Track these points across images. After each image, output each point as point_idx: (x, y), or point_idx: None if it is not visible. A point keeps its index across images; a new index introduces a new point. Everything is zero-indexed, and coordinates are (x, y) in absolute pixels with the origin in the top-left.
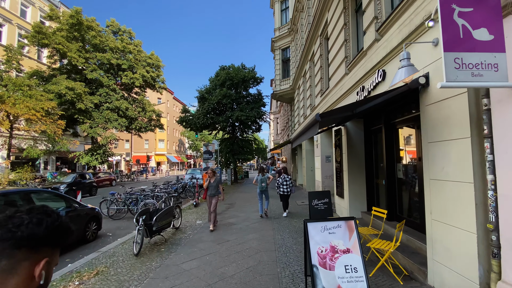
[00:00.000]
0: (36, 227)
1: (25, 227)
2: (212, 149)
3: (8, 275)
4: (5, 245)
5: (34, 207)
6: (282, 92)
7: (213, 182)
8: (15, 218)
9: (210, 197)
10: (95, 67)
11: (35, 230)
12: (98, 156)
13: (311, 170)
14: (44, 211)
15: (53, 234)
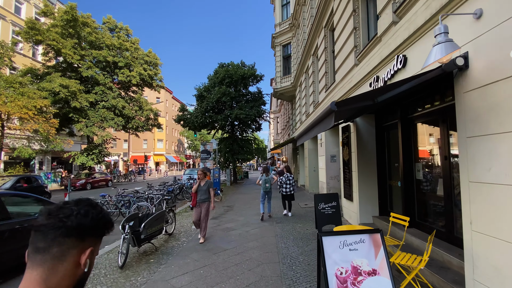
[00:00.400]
0: (83, 218)
1: (74, 217)
2: (210, 148)
3: (58, 262)
4: (57, 233)
5: (81, 199)
6: (283, 90)
7: (203, 186)
8: (65, 209)
9: (200, 203)
10: (91, 64)
11: (83, 221)
12: (94, 156)
13: (314, 170)
14: (90, 203)
15: (97, 224)
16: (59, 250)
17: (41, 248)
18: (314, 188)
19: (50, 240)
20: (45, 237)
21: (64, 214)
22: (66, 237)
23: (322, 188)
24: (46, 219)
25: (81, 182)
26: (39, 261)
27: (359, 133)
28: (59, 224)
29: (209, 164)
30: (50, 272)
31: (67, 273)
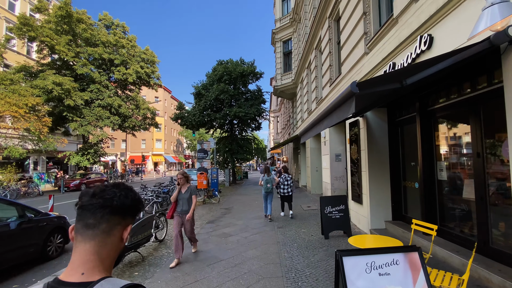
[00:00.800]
0: (125, 199)
1: (118, 198)
2: (207, 147)
3: (107, 236)
4: (105, 211)
5: (119, 184)
6: (284, 87)
7: (184, 193)
8: (108, 191)
9: (179, 216)
10: (86, 62)
11: (125, 201)
12: (90, 156)
13: (317, 170)
14: (127, 187)
15: (135, 205)
16: (107, 226)
17: (91, 224)
18: (316, 189)
19: (100, 217)
20: (94, 215)
21: (109, 195)
22: (112, 215)
23: (326, 189)
24: (92, 199)
25: (75, 182)
26: (91, 236)
27: (369, 129)
28: (106, 204)
29: (206, 163)
30: (101, 244)
31: (114, 246)
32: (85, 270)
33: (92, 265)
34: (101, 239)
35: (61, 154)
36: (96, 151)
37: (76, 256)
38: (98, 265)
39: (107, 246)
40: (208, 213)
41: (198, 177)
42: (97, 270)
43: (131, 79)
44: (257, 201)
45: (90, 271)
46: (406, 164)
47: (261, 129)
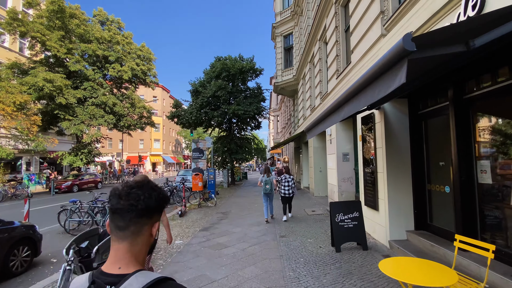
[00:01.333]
0: (149, 200)
1: (142, 201)
2: (203, 146)
3: (137, 236)
4: (131, 215)
5: (142, 184)
6: (284, 84)
7: None
8: (132, 194)
9: None
10: (79, 58)
11: (149, 203)
12: (83, 156)
13: (320, 171)
14: (151, 187)
15: (159, 203)
16: (136, 227)
17: (121, 226)
18: (320, 191)
19: (128, 221)
20: (123, 218)
21: (133, 199)
22: (139, 218)
23: (332, 191)
24: (118, 203)
25: (67, 184)
26: (122, 236)
27: (387, 123)
28: (132, 208)
29: (202, 164)
30: (132, 243)
31: (144, 243)
32: (121, 265)
33: (127, 261)
34: (132, 239)
35: (54, 154)
36: (90, 151)
37: (113, 253)
38: (132, 260)
39: (138, 244)
40: (203, 218)
41: (193, 179)
42: (132, 265)
43: (126, 77)
44: (256, 204)
45: (125, 266)
46: (431, 164)
47: (261, 128)
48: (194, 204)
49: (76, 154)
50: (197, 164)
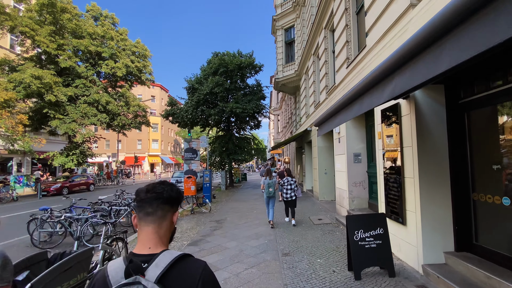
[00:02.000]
0: (171, 192)
1: (166, 192)
2: (196, 146)
3: (163, 220)
4: (158, 202)
5: (164, 181)
6: (286, 80)
7: None
8: (157, 187)
9: None
10: (70, 54)
11: (171, 194)
12: (74, 157)
13: (325, 173)
14: (170, 184)
15: (178, 196)
16: (162, 212)
17: (150, 212)
18: (326, 195)
19: (155, 207)
20: (151, 205)
21: (159, 190)
22: (164, 204)
23: (341, 197)
24: (147, 194)
25: (56, 186)
26: (151, 220)
27: (419, 116)
28: (159, 196)
29: (195, 165)
30: (159, 226)
31: (168, 227)
32: (151, 245)
33: (155, 242)
34: (159, 222)
35: (44, 154)
36: (83, 152)
37: (143, 236)
38: (159, 241)
39: (163, 227)
40: (194, 228)
41: (184, 182)
42: (159, 245)
43: (120, 74)
44: (255, 211)
45: (154, 246)
46: (478, 167)
47: (260, 127)
48: (187, 209)
49: (67, 154)
50: (190, 166)
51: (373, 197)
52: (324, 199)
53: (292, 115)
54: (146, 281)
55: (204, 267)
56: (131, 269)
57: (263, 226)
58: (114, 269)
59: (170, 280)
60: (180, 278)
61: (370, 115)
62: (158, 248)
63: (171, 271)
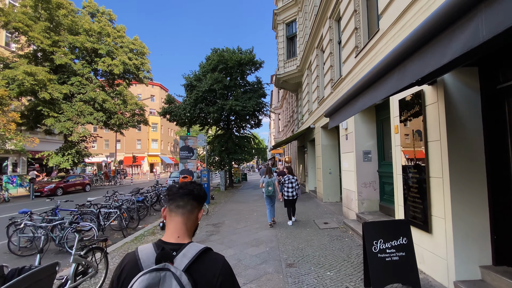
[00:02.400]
0: (200, 190)
1: (195, 190)
2: (193, 144)
3: (191, 214)
4: (189, 197)
5: (193, 181)
6: (287, 76)
7: None
8: (188, 185)
9: None
10: (65, 51)
11: (200, 192)
12: (70, 157)
13: (330, 173)
14: (199, 184)
15: (204, 195)
16: (191, 207)
17: (181, 205)
18: (330, 196)
19: (186, 201)
20: (182, 199)
21: (190, 188)
22: (193, 200)
23: (349, 199)
24: (179, 190)
25: (50, 187)
26: (181, 212)
27: (448, 105)
28: (190, 192)
29: (192, 165)
30: (187, 219)
31: (194, 221)
32: (179, 234)
33: (183, 232)
34: (187, 215)
35: (39, 154)
36: (79, 151)
37: (172, 225)
38: (186, 232)
39: (190, 220)
40: None
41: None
42: (186, 236)
43: (117, 71)
44: (255, 213)
45: (182, 235)
46: None
47: (261, 126)
48: None
49: (63, 154)
50: (186, 165)
51: (385, 199)
52: (328, 201)
53: (294, 113)
54: (174, 268)
55: (224, 261)
56: (162, 256)
57: (264, 230)
58: (145, 254)
59: (195, 270)
60: (204, 269)
61: (383, 108)
62: (185, 238)
63: (196, 261)
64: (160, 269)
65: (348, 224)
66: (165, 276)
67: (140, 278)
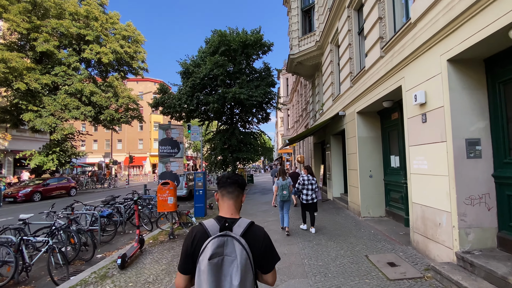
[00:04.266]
0: (242, 180)
1: (240, 180)
2: (178, 137)
3: (237, 198)
4: (236, 185)
5: (236, 173)
6: (303, 55)
7: None
8: (234, 177)
9: None
10: (47, 36)
11: (243, 181)
12: (55, 156)
13: (370, 176)
14: (240, 174)
15: (244, 184)
16: (238, 192)
17: (231, 191)
18: (372, 209)
19: (234, 188)
20: (231, 187)
21: (236, 178)
22: (238, 187)
23: (431, 223)
24: (227, 180)
25: (25, 191)
26: (231, 196)
27: None
28: (237, 181)
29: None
30: (236, 201)
31: (239, 204)
32: (232, 212)
33: (233, 210)
34: (236, 199)
35: (21, 154)
36: (64, 150)
37: (225, 206)
38: (235, 210)
39: (237, 202)
40: (165, 273)
41: (158, 191)
42: (236, 213)
43: (106, 59)
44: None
45: (234, 213)
46: None
47: (269, 120)
48: (165, 232)
49: (46, 153)
50: (167, 167)
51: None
52: (369, 215)
53: (308, 104)
54: (234, 234)
55: (264, 230)
56: (224, 226)
57: (283, 270)
58: (210, 225)
59: (247, 236)
60: (253, 235)
61: (504, 59)
62: (236, 215)
63: (247, 230)
64: (223, 235)
65: (444, 273)
66: (228, 240)
67: (212, 241)
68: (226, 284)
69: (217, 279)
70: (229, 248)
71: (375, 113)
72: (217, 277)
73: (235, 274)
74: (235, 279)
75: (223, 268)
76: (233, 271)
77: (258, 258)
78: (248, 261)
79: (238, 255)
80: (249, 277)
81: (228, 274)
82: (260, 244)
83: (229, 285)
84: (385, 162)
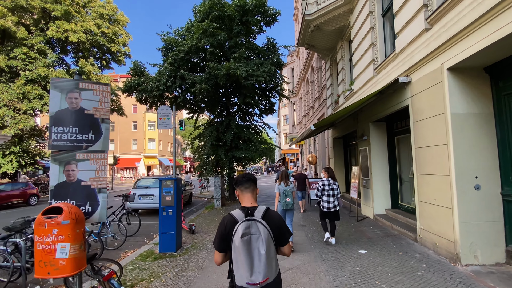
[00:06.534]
0: (253, 177)
1: (252, 177)
2: (99, 106)
3: (253, 190)
4: (251, 181)
5: (249, 172)
6: (325, 14)
7: None
8: (247, 175)
9: None
10: (3, 10)
11: (254, 178)
12: (13, 157)
13: (478, 187)
14: (250, 173)
15: (255, 179)
16: (253, 187)
17: (247, 186)
18: (484, 248)
19: (249, 184)
20: (247, 183)
21: (249, 176)
22: (253, 183)
23: None
24: (243, 178)
25: None
26: (248, 190)
27: None
28: (250, 179)
29: (90, 170)
30: (253, 194)
31: (255, 195)
32: (252, 202)
33: (252, 200)
34: (252, 192)
35: None
36: (25, 150)
37: (246, 198)
38: (254, 200)
39: (254, 194)
40: None
41: (36, 232)
42: (255, 202)
43: (75, 38)
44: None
45: (253, 202)
46: None
47: (274, 111)
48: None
49: (3, 154)
50: (70, 172)
51: None
52: (477, 263)
53: (324, 90)
54: (256, 218)
55: (279, 214)
56: (247, 212)
57: None
58: (237, 214)
59: (266, 218)
60: (270, 217)
61: None
62: (255, 203)
63: (265, 214)
64: (248, 220)
65: None
66: (252, 223)
67: (240, 225)
68: (256, 254)
69: (249, 251)
70: (253, 228)
71: (482, 71)
72: (249, 250)
73: (262, 246)
74: (262, 249)
75: (251, 243)
76: (259, 244)
77: (275, 233)
78: (269, 235)
79: (262, 232)
80: (272, 247)
81: (256, 247)
82: (276, 223)
83: (258, 254)
84: (504, 160)
